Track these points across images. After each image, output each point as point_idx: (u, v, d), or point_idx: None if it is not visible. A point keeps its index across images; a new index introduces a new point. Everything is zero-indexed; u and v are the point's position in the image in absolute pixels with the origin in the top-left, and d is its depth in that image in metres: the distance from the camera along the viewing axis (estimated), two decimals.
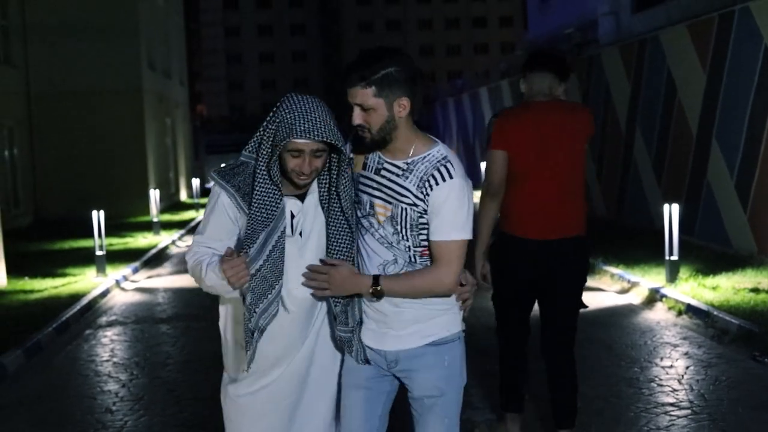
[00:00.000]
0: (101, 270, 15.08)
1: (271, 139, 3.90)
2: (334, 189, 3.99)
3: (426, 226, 3.94)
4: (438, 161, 3.92)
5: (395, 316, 4.01)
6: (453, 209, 3.88)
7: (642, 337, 9.84)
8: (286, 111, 3.85)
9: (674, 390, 7.80)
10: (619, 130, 19.83)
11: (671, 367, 8.57)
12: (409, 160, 3.95)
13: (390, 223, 3.97)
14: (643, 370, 8.53)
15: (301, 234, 3.99)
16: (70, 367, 9.63)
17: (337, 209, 3.98)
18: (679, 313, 10.73)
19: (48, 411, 8.03)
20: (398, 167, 3.97)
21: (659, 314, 10.95)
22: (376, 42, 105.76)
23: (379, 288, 3.90)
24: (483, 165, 32.31)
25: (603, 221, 19.94)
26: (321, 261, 3.98)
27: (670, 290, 11.53)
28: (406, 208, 3.93)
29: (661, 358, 8.92)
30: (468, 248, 4.02)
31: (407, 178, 3.93)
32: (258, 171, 3.90)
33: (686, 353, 9.08)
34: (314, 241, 4.01)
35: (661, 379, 8.16)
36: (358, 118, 3.91)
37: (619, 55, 20.12)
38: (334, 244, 3.98)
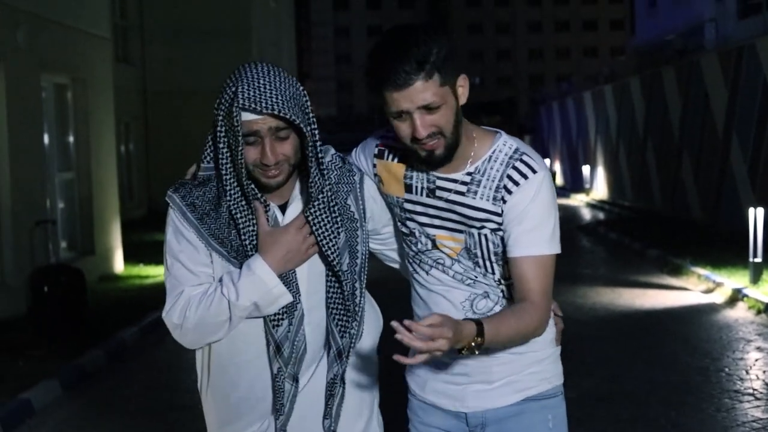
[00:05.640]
0: None
1: (224, 135, 2.89)
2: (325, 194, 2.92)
3: None
4: (510, 156, 2.91)
5: (479, 364, 3.01)
6: (541, 212, 2.88)
7: (718, 333, 10.30)
8: (229, 84, 2.82)
9: (741, 379, 8.29)
10: (717, 136, 20.09)
11: (741, 359, 9.06)
12: (472, 168, 2.94)
13: (466, 256, 2.99)
14: (714, 361, 9.03)
15: None
16: None
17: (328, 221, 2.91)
18: (758, 312, 11.14)
19: (162, 378, 8.91)
20: (459, 182, 2.95)
21: (739, 313, 11.38)
22: (487, 46, 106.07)
23: (481, 340, 2.67)
24: (585, 168, 32.73)
25: (698, 224, 20.25)
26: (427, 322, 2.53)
27: (751, 290, 11.92)
28: (485, 234, 2.95)
29: (734, 351, 9.40)
30: None
31: (476, 193, 2.92)
32: (225, 183, 2.90)
33: (758, 347, 9.54)
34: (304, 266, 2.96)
35: (730, 369, 8.66)
36: (425, 127, 2.79)
37: (717, 62, 20.36)
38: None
